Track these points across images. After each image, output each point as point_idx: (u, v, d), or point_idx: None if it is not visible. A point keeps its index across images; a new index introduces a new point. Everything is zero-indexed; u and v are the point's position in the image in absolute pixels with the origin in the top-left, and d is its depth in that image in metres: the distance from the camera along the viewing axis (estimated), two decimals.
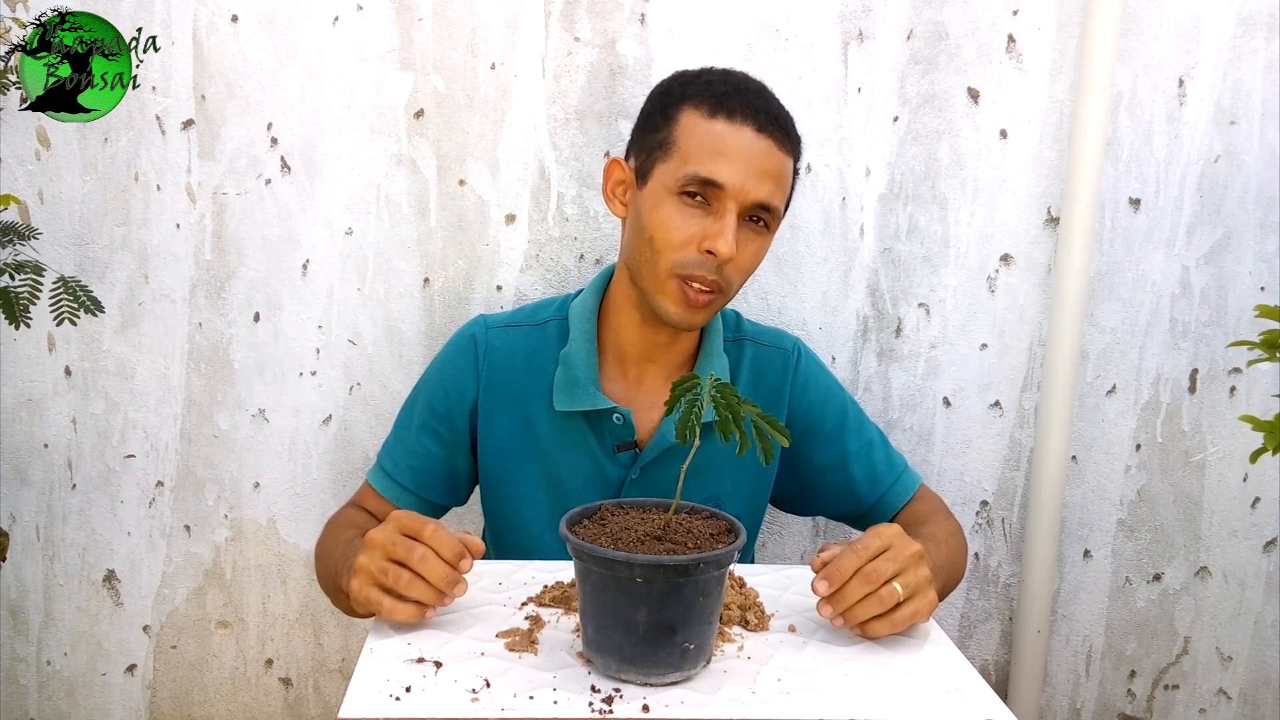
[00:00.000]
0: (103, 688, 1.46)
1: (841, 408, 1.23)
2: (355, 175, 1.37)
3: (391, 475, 1.18)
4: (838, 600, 0.88)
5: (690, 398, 0.81)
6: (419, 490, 1.18)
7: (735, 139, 1.04)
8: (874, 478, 1.21)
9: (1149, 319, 1.45)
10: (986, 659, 1.53)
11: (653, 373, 1.18)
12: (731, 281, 1.09)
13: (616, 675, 0.82)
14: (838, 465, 1.21)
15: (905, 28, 1.37)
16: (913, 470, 1.24)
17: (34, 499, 1.41)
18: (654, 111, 1.11)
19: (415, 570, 0.87)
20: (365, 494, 1.20)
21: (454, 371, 1.19)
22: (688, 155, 1.05)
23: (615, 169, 1.14)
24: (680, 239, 1.05)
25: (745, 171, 1.04)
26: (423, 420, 1.18)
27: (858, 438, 1.22)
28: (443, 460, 1.18)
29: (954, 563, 1.11)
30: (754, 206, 1.06)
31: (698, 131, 1.05)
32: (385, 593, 0.89)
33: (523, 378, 1.17)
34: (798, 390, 1.22)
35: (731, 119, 1.05)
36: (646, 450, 1.15)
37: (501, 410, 1.17)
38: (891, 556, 0.89)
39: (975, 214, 1.42)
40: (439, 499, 1.20)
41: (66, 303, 1.15)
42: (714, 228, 1.05)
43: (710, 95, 1.06)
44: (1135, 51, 1.38)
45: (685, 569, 0.78)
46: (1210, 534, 1.50)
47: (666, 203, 1.06)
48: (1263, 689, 1.54)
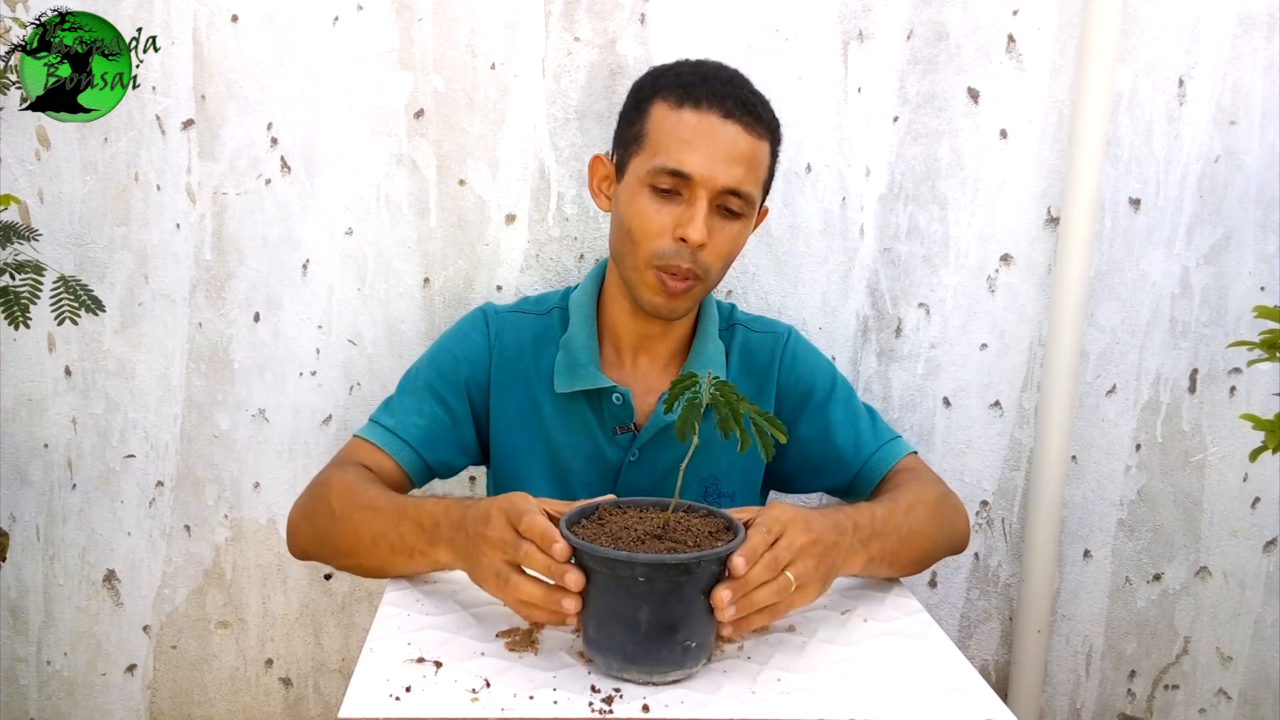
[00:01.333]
0: (103, 688, 1.46)
1: (830, 381, 1.23)
2: (355, 175, 1.37)
3: (394, 431, 1.14)
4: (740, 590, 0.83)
5: (689, 396, 0.81)
6: (420, 449, 1.14)
7: (701, 127, 1.06)
8: (857, 445, 1.20)
9: (1149, 319, 1.45)
10: (986, 659, 1.53)
11: (648, 359, 1.21)
12: (709, 268, 1.10)
13: (618, 674, 0.82)
14: (822, 435, 1.21)
15: (905, 28, 1.37)
16: (905, 443, 1.21)
17: (34, 499, 1.41)
18: (630, 106, 1.14)
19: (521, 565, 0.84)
20: (358, 451, 1.14)
21: (469, 345, 1.19)
22: (657, 147, 1.08)
23: (599, 165, 1.18)
24: (655, 229, 1.08)
25: (712, 158, 1.06)
26: (431, 386, 1.17)
27: (844, 409, 1.22)
28: (448, 427, 1.17)
29: (924, 530, 1.07)
30: (724, 193, 1.07)
31: (666, 123, 1.08)
32: (515, 597, 0.85)
33: (529, 361, 1.19)
34: (785, 366, 1.23)
35: (698, 107, 1.07)
36: (644, 430, 1.17)
37: (510, 390, 1.19)
38: (786, 545, 0.86)
39: (975, 214, 1.42)
40: (436, 463, 1.17)
41: (67, 302, 1.15)
42: (685, 215, 1.07)
43: (678, 86, 1.09)
44: (1135, 51, 1.38)
45: (687, 567, 0.78)
46: (1210, 534, 1.50)
47: (640, 195, 1.09)
48: (1263, 689, 1.54)
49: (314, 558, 1.08)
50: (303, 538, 1.09)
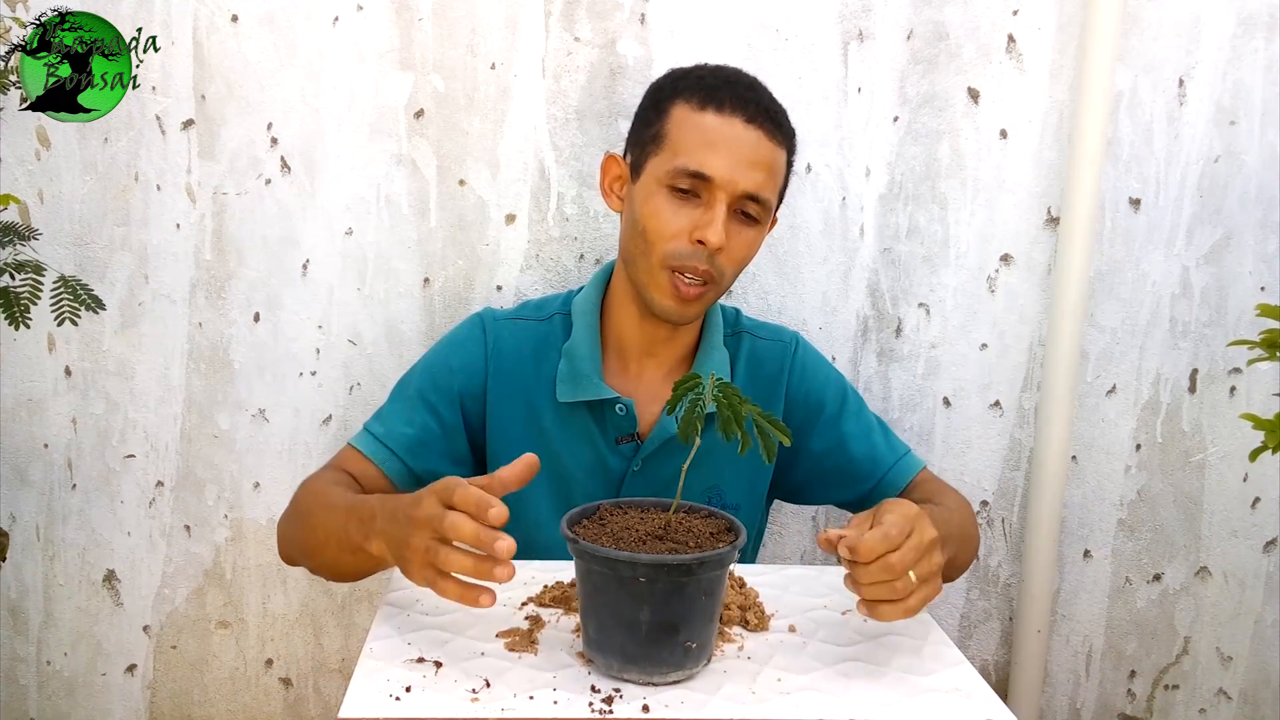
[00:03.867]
0: (103, 688, 1.46)
1: (840, 393, 1.23)
2: (355, 175, 1.37)
3: (381, 440, 1.13)
4: (858, 582, 0.84)
5: (693, 397, 0.81)
6: (406, 458, 1.13)
7: (724, 130, 1.06)
8: (874, 458, 1.20)
9: (1149, 319, 1.45)
10: (986, 659, 1.53)
11: (653, 367, 1.20)
12: (724, 272, 1.10)
13: (618, 675, 0.82)
14: (837, 449, 1.20)
15: (905, 28, 1.37)
16: (915, 457, 1.22)
17: (34, 499, 1.41)
18: (648, 107, 1.13)
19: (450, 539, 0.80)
20: (347, 458, 1.14)
21: (465, 355, 1.18)
22: (678, 148, 1.07)
23: (612, 165, 1.17)
24: (671, 230, 1.07)
25: (734, 162, 1.05)
26: (423, 396, 1.16)
27: (857, 421, 1.22)
28: (438, 437, 1.15)
29: (965, 534, 1.10)
30: (744, 197, 1.07)
31: (687, 124, 1.07)
32: (439, 575, 0.82)
33: (529, 370, 1.18)
34: (795, 378, 1.22)
35: (721, 111, 1.06)
36: (648, 442, 1.16)
37: (508, 400, 1.17)
38: (914, 545, 0.85)
39: (975, 214, 1.42)
40: (424, 473, 1.15)
41: (67, 302, 1.15)
42: (704, 218, 1.07)
43: (700, 89, 1.08)
44: (1135, 51, 1.38)
45: (689, 568, 0.78)
46: (1210, 534, 1.50)
47: (658, 195, 1.08)
48: (1263, 689, 1.54)
49: (296, 561, 1.09)
50: (282, 541, 1.11)
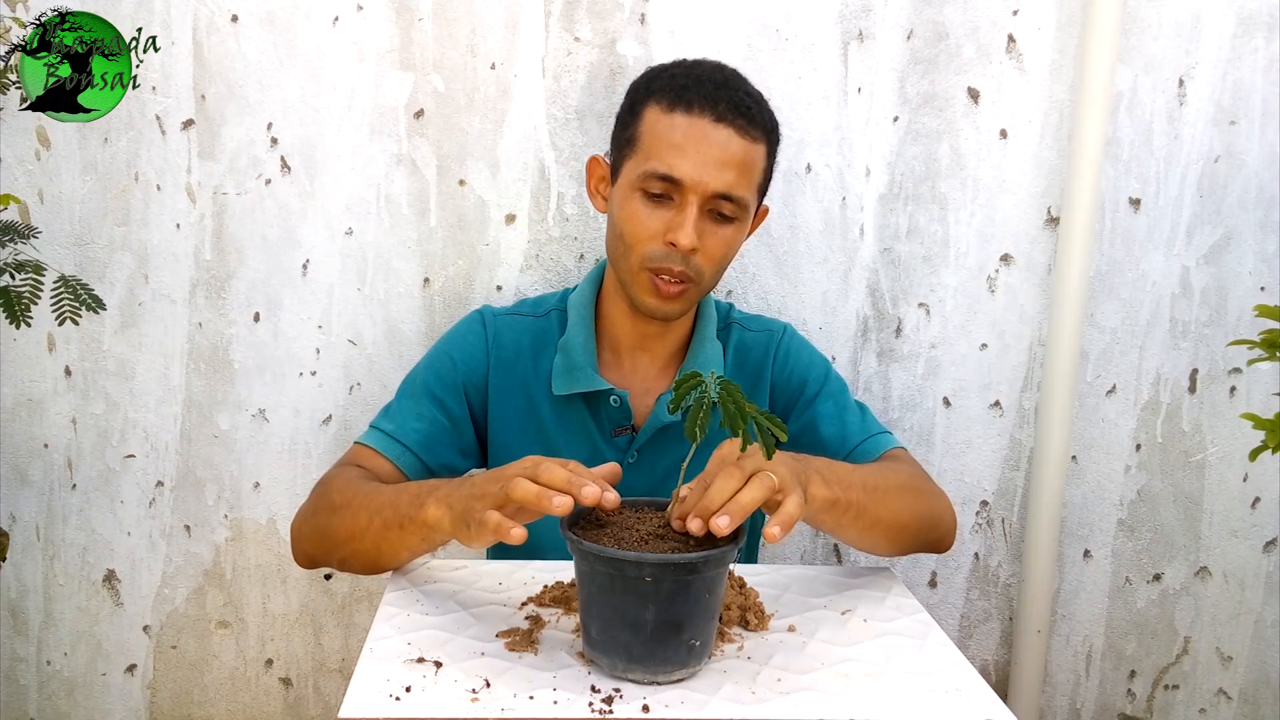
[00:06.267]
0: (103, 688, 1.46)
1: (822, 377, 1.23)
2: (355, 175, 1.37)
3: (393, 436, 1.13)
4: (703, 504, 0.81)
5: (697, 395, 0.81)
6: (420, 452, 1.14)
7: (692, 131, 1.06)
8: (844, 436, 1.18)
9: (1149, 319, 1.45)
10: (986, 659, 1.53)
11: (647, 360, 1.21)
12: (702, 272, 1.10)
13: (622, 675, 0.82)
14: (810, 428, 1.19)
15: (905, 28, 1.37)
16: (892, 437, 1.19)
17: (34, 499, 1.41)
18: (625, 109, 1.14)
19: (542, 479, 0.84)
20: (359, 456, 1.14)
21: (467, 348, 1.19)
22: (649, 151, 1.08)
23: (596, 166, 1.18)
24: (646, 233, 1.08)
25: (703, 163, 1.05)
26: (429, 391, 1.17)
27: (833, 403, 1.20)
28: (448, 430, 1.16)
29: (895, 499, 1.04)
30: (715, 197, 1.07)
31: (658, 127, 1.08)
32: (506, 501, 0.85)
33: (527, 364, 1.19)
34: (779, 363, 1.23)
35: (690, 111, 1.06)
36: (641, 432, 1.17)
37: (508, 392, 1.19)
38: (742, 462, 0.85)
39: (975, 214, 1.42)
40: (437, 466, 1.16)
41: (68, 301, 1.15)
42: (675, 220, 1.07)
43: (670, 89, 1.08)
44: (1135, 51, 1.38)
45: (694, 566, 0.78)
46: (1210, 534, 1.50)
47: (632, 198, 1.09)
48: (1263, 689, 1.54)
49: (319, 558, 1.08)
50: (305, 540, 1.09)
